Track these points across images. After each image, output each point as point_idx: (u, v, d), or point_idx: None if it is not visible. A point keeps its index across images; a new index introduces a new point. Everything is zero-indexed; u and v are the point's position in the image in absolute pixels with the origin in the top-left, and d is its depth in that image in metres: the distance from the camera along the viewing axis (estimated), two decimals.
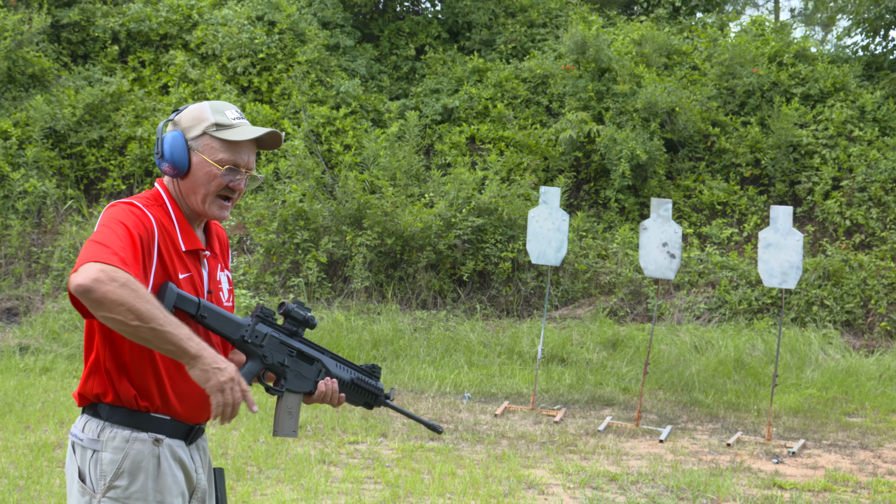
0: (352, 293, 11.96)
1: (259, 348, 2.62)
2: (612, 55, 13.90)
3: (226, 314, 2.60)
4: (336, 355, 2.82)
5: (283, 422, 2.76)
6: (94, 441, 2.55)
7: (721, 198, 13.20)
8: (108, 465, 2.53)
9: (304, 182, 12.45)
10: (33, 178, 12.21)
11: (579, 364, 10.52)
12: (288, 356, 2.68)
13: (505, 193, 12.51)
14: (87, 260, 2.33)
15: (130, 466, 2.55)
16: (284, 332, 2.69)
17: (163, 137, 2.68)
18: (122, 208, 2.54)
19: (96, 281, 2.29)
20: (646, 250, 8.49)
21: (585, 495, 6.03)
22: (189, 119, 2.71)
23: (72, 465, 2.61)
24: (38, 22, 13.31)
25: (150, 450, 2.57)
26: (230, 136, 2.71)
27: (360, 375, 2.84)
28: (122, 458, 2.54)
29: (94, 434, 2.56)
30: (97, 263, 2.32)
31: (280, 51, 14.04)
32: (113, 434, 2.55)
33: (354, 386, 2.83)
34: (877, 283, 11.91)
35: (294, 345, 2.70)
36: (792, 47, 14.59)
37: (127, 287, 2.31)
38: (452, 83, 14.54)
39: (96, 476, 2.54)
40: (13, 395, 8.13)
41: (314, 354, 2.74)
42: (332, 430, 7.39)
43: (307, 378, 2.73)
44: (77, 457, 2.59)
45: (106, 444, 2.55)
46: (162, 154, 2.67)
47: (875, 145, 13.27)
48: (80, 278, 2.30)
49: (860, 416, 8.88)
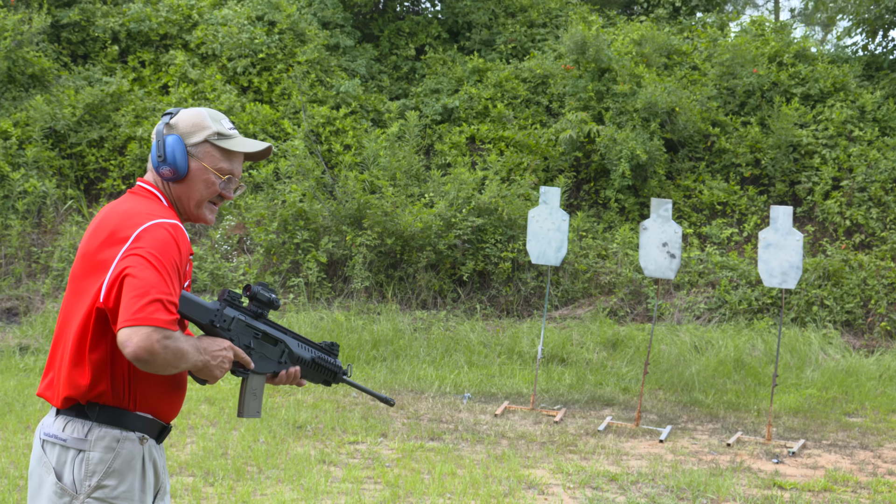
0: (352, 293, 11.96)
1: (227, 332, 2.66)
2: (612, 55, 13.90)
3: (195, 299, 2.63)
4: (297, 335, 2.88)
5: (249, 403, 2.81)
6: (81, 441, 2.55)
7: (721, 198, 13.20)
8: (98, 465, 2.54)
9: (304, 182, 12.45)
10: (33, 178, 12.21)
11: (579, 364, 10.52)
12: (253, 338, 2.74)
13: (505, 193, 12.51)
14: (141, 321, 2.39)
15: (121, 466, 2.56)
16: (250, 314, 2.74)
17: (164, 140, 2.70)
18: (168, 237, 2.54)
19: (152, 353, 2.40)
20: (646, 250, 8.49)
21: (585, 495, 6.03)
22: (189, 125, 2.73)
23: (41, 466, 2.59)
24: (38, 22, 13.31)
25: (138, 449, 2.60)
26: (232, 146, 2.77)
27: (320, 354, 2.93)
28: (113, 457, 2.55)
29: (81, 434, 2.55)
30: (151, 331, 2.39)
31: (280, 51, 14.04)
32: (102, 433, 2.55)
33: (315, 365, 2.91)
34: (877, 283, 11.92)
35: (259, 327, 2.75)
36: (792, 47, 14.59)
37: (177, 352, 2.44)
38: (452, 83, 14.54)
39: (81, 476, 2.54)
40: (13, 395, 8.13)
41: (277, 335, 2.80)
42: (332, 430, 7.39)
43: (271, 359, 2.80)
44: (51, 457, 2.57)
45: (95, 443, 2.55)
46: (164, 157, 2.69)
47: (875, 145, 13.27)
48: (139, 351, 2.39)
49: (860, 416, 8.88)
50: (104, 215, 2.68)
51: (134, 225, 2.55)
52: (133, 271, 2.45)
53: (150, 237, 2.51)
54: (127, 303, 2.41)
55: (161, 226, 2.56)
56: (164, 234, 2.54)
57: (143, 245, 2.49)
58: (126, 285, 2.43)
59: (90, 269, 2.57)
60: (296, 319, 10.98)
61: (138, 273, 2.44)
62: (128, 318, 2.39)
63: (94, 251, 2.58)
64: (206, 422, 7.44)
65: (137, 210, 2.62)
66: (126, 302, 2.41)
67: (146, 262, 2.46)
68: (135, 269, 2.45)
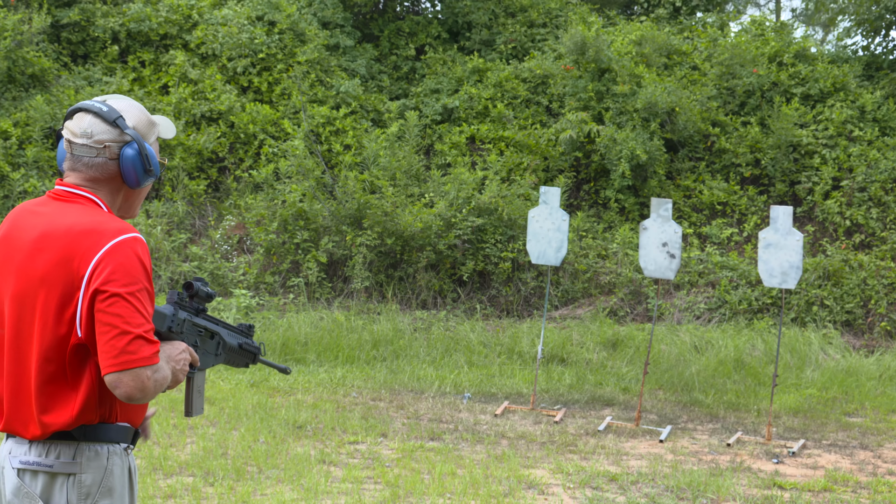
0: (352, 293, 11.96)
1: (180, 335, 2.62)
2: (612, 55, 13.90)
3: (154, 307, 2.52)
4: (223, 323, 2.87)
5: (195, 401, 2.82)
6: (70, 464, 2.42)
7: (721, 198, 13.20)
8: (92, 486, 2.43)
9: (304, 182, 12.45)
10: (33, 178, 12.21)
11: (579, 364, 10.52)
12: (198, 336, 2.72)
13: (505, 193, 12.51)
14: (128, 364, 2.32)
15: (113, 483, 2.47)
16: (192, 312, 2.70)
17: (147, 150, 2.54)
18: (135, 260, 2.39)
19: (144, 390, 2.35)
20: (646, 250, 8.49)
21: (585, 495, 6.03)
22: (143, 125, 2.58)
23: (21, 498, 2.43)
24: (38, 22, 13.31)
25: (125, 461, 2.52)
26: (163, 133, 2.65)
27: (246, 340, 2.95)
28: (104, 475, 2.45)
29: (68, 457, 2.42)
30: (140, 371, 2.34)
31: (280, 51, 14.04)
32: (91, 453, 2.44)
33: (241, 350, 2.94)
34: (877, 283, 11.91)
35: (201, 324, 2.73)
36: (792, 47, 14.59)
37: (163, 379, 2.41)
38: (452, 83, 14.54)
39: (76, 499, 2.42)
40: None
41: (214, 328, 2.80)
42: (332, 430, 7.40)
43: (210, 353, 2.80)
44: (34, 486, 2.42)
45: (85, 465, 2.43)
46: (152, 169, 2.55)
47: (875, 145, 13.27)
48: (132, 392, 2.33)
49: (860, 416, 8.88)
50: (44, 232, 2.43)
51: (91, 248, 2.37)
52: (108, 310, 2.33)
53: (115, 265, 2.35)
54: (108, 345, 2.31)
55: (124, 246, 2.38)
56: (130, 259, 2.38)
57: (113, 278, 2.34)
58: (102, 325, 2.33)
59: (41, 292, 2.39)
60: (296, 319, 10.99)
61: (114, 311, 2.33)
62: (114, 363, 2.31)
63: (45, 273, 2.39)
64: (206, 422, 7.44)
65: (86, 226, 2.40)
66: (107, 344, 2.31)
67: (119, 300, 2.33)
68: (110, 308, 2.33)
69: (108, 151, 2.49)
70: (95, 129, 2.49)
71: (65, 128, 2.53)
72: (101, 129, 2.49)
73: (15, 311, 2.44)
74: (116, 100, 2.56)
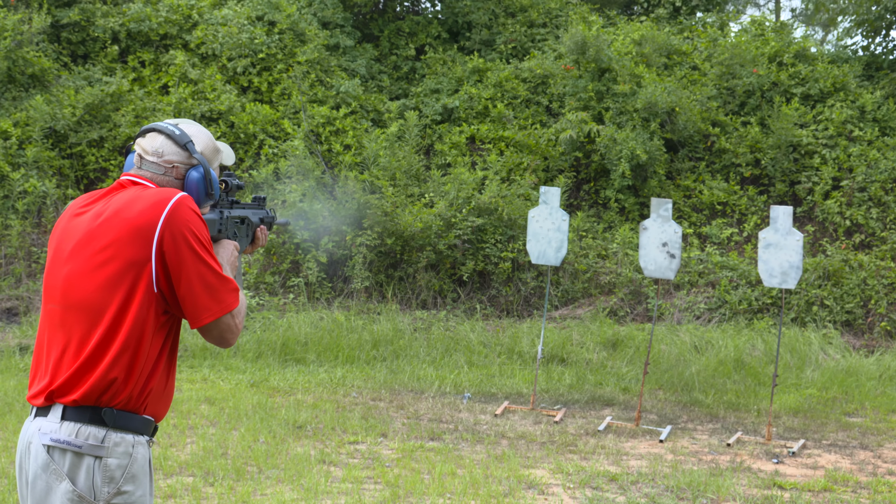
0: (352, 293, 11.96)
1: (226, 233, 2.88)
2: (612, 55, 13.90)
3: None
4: (244, 204, 3.09)
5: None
6: (97, 447, 2.52)
7: (721, 198, 13.20)
8: (117, 471, 2.53)
9: (304, 182, 12.45)
10: (33, 178, 12.20)
11: (579, 364, 10.52)
12: (237, 227, 2.97)
13: (505, 193, 12.51)
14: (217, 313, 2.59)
15: (137, 471, 2.57)
16: (228, 205, 2.95)
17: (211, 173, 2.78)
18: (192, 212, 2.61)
19: (235, 332, 2.66)
20: (646, 250, 8.49)
21: (585, 495, 6.03)
22: (210, 150, 2.82)
23: (48, 472, 2.52)
24: (38, 22, 13.31)
25: (148, 452, 2.63)
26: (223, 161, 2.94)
27: (265, 213, 3.18)
28: (130, 462, 2.55)
29: (97, 440, 2.52)
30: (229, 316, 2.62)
31: (280, 51, 14.04)
32: (118, 439, 2.54)
33: (261, 223, 3.18)
34: (877, 283, 11.91)
35: (237, 214, 2.97)
36: (792, 47, 14.59)
37: (245, 310, 2.70)
38: (452, 83, 14.54)
39: (100, 482, 2.52)
40: (13, 395, 8.13)
41: (244, 214, 3.03)
42: (332, 430, 7.40)
43: (244, 237, 3.05)
44: (62, 463, 2.52)
45: (112, 449, 2.53)
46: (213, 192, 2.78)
47: (875, 145, 13.27)
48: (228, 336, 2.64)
49: (860, 416, 8.88)
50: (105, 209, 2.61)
51: (155, 206, 2.56)
52: (187, 265, 2.54)
53: (180, 219, 2.56)
54: (196, 299, 2.55)
55: (182, 203, 2.59)
56: (188, 211, 2.59)
57: (180, 231, 2.54)
58: (185, 280, 2.53)
59: (110, 256, 2.54)
60: (296, 319, 10.99)
61: (193, 266, 2.55)
62: (206, 315, 2.56)
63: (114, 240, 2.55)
64: (206, 422, 7.44)
65: (144, 198, 2.60)
66: (194, 298, 2.55)
67: (193, 252, 2.55)
68: (187, 262, 2.54)
69: (176, 171, 2.71)
70: (166, 150, 2.70)
71: (136, 144, 2.73)
72: (172, 150, 2.70)
73: (78, 271, 2.58)
74: (188, 125, 2.76)
